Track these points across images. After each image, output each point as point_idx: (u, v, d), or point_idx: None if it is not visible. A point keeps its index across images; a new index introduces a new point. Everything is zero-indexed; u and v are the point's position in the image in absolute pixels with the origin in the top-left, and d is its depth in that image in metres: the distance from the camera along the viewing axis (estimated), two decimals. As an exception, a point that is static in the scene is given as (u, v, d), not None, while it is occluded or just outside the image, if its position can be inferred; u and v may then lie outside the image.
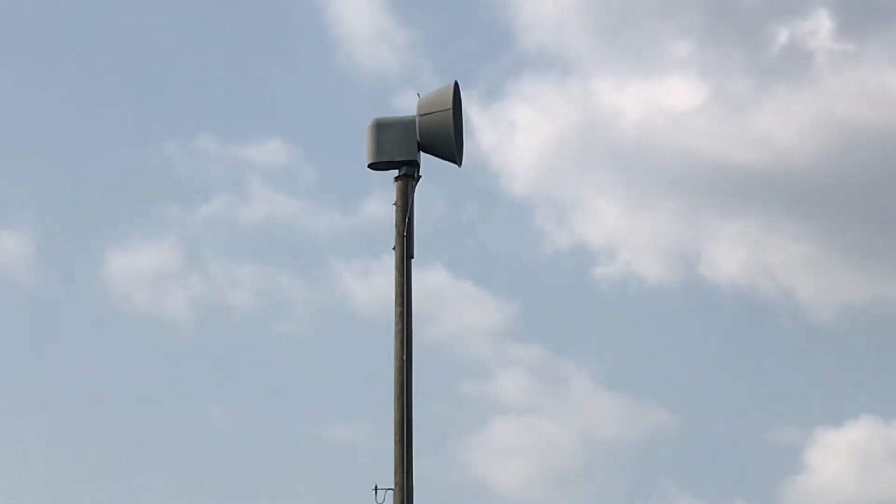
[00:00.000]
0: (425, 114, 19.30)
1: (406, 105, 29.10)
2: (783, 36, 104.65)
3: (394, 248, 19.48)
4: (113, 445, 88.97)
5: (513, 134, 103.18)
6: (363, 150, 19.84)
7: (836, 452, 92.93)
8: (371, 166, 19.51)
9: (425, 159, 19.58)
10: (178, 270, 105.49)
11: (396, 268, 19.42)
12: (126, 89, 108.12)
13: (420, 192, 19.67)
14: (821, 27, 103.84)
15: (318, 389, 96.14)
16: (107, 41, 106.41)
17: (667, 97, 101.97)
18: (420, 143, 19.25)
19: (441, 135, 19.25)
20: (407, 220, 19.38)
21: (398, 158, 19.36)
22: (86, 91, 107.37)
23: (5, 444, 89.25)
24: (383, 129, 19.41)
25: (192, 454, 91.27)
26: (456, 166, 19.67)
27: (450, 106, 19.23)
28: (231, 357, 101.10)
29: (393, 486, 18.92)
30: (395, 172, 19.51)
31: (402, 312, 19.25)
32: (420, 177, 19.51)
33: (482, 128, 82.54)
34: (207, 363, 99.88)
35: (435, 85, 19.72)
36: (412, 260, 19.43)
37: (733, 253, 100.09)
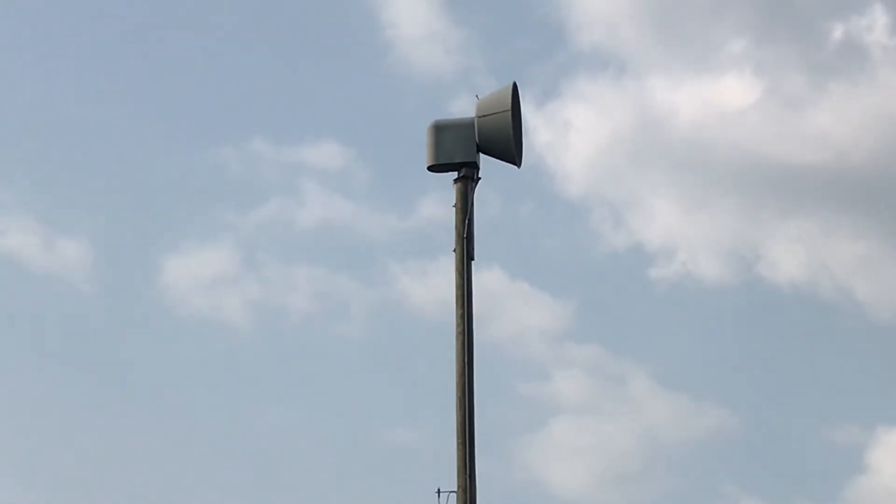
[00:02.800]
0: (484, 115, 19.42)
1: (460, 106, 29.20)
2: (838, 32, 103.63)
3: (454, 250, 19.52)
4: (172, 448, 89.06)
5: (567, 134, 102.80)
6: (417, 152, 19.94)
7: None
8: (430, 168, 19.60)
9: (485, 160, 19.64)
10: (235, 274, 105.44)
11: (457, 270, 19.46)
12: (180, 94, 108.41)
13: (478, 193, 19.73)
14: (876, 22, 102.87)
15: (378, 392, 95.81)
16: (163, 48, 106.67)
17: (722, 95, 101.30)
18: (479, 144, 19.38)
19: (501, 136, 19.34)
20: (467, 222, 19.44)
21: (458, 160, 19.47)
22: (141, 98, 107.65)
23: (70, 442, 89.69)
24: (442, 132, 19.52)
25: (251, 458, 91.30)
26: (516, 168, 19.68)
27: (509, 107, 19.31)
28: (289, 360, 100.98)
29: (456, 489, 18.98)
30: (455, 174, 19.58)
31: (463, 314, 19.30)
32: (479, 178, 19.59)
33: (537, 128, 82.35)
34: (265, 367, 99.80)
35: (488, 85, 19.83)
36: (473, 262, 19.45)
37: (792, 252, 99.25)
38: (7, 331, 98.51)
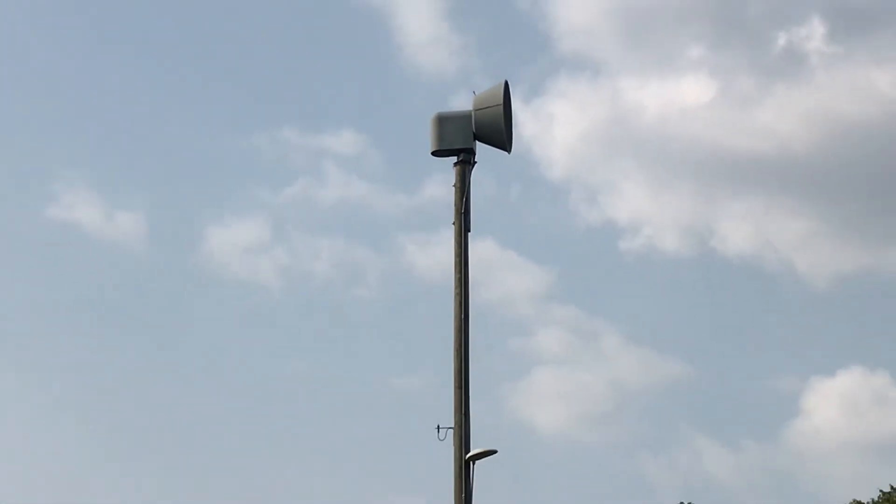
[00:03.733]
0: (480, 108, 19.52)
1: (459, 100, 29.14)
2: (782, 40, 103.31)
3: (453, 224, 19.59)
4: (212, 387, 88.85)
5: (551, 126, 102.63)
6: (424, 140, 19.99)
7: (829, 398, 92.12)
8: (434, 153, 19.66)
9: (480, 147, 19.63)
10: (267, 243, 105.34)
11: (455, 240, 19.49)
12: (221, 88, 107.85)
13: (474, 175, 19.73)
14: (815, 32, 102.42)
15: (387, 344, 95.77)
16: (209, 53, 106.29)
17: (682, 94, 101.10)
18: (476, 133, 19.46)
19: (494, 127, 19.40)
20: (465, 199, 19.44)
21: (457, 147, 19.55)
22: (189, 93, 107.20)
23: (131, 381, 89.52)
24: (444, 122, 19.58)
25: (280, 398, 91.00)
26: (506, 153, 19.64)
27: (501, 102, 19.37)
28: (312, 317, 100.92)
29: (453, 426, 18.99)
30: (455, 159, 19.67)
31: (460, 278, 19.35)
32: (475, 162, 19.63)
33: (525, 121, 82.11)
34: (292, 322, 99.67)
35: (484, 83, 19.80)
36: (469, 234, 19.44)
37: (740, 229, 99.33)
38: (73, 290, 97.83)
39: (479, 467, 18.79)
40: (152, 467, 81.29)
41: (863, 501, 51.11)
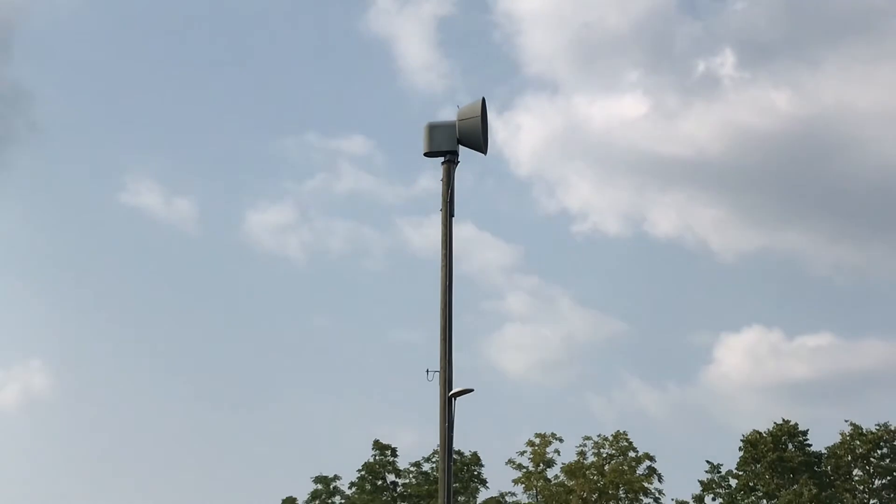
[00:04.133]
0: (462, 119, 20.16)
1: (446, 113, 29.49)
2: (701, 66, 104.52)
3: (441, 210, 19.93)
4: (252, 338, 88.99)
5: (518, 133, 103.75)
6: (417, 143, 20.61)
7: (735, 350, 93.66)
8: (426, 154, 20.33)
9: (462, 150, 19.86)
10: (293, 224, 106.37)
11: (442, 223, 19.86)
12: (258, 102, 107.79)
13: (457, 172, 20.01)
14: (727, 60, 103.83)
15: (388, 306, 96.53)
16: (248, 71, 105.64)
17: (622, 109, 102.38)
18: (459, 139, 20.04)
19: (473, 134, 20.02)
20: (450, 191, 19.71)
21: (444, 149, 20.38)
22: (232, 104, 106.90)
23: (188, 332, 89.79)
24: (434, 130, 20.25)
25: (303, 350, 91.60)
26: (483, 155, 19.84)
27: (479, 114, 20.12)
28: (330, 284, 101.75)
29: (439, 370, 19.26)
30: (442, 159, 20.18)
31: (446, 254, 19.79)
32: (458, 162, 20.15)
33: (497, 128, 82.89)
34: (313, 288, 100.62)
35: (465, 99, 20.30)
36: (453, 218, 19.62)
37: (667, 216, 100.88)
38: (136, 263, 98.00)
39: (459, 403, 19.20)
40: (205, 390, 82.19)
41: (761, 431, 51.52)
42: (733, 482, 52.26)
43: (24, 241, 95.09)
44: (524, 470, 56.85)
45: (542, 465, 56.97)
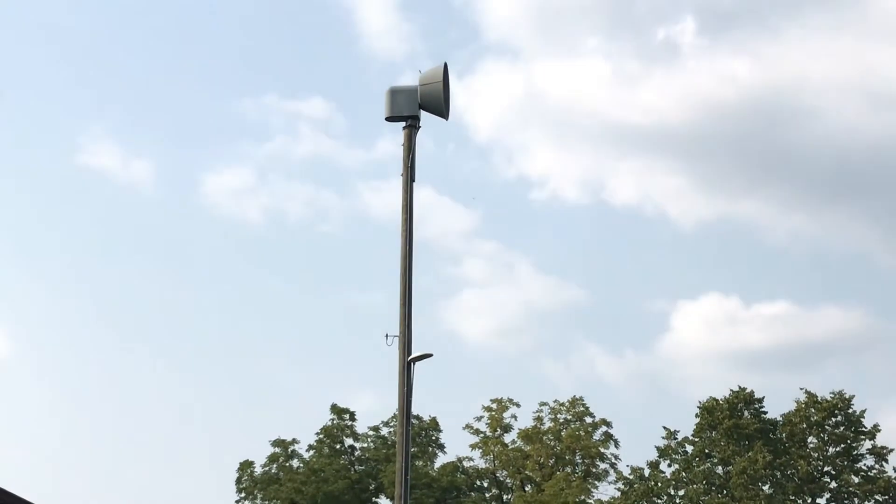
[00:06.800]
0: (424, 84, 20.30)
1: (408, 77, 29.46)
2: (661, 34, 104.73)
3: (402, 175, 19.87)
4: (209, 299, 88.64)
5: (479, 99, 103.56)
6: (378, 107, 20.63)
7: (692, 317, 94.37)
8: (388, 119, 20.22)
9: (423, 115, 19.92)
10: (252, 188, 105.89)
11: (403, 188, 19.90)
12: (216, 62, 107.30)
13: (418, 137, 19.94)
14: (687, 28, 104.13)
15: (348, 270, 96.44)
16: (208, 31, 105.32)
17: (582, 76, 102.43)
18: (420, 104, 20.12)
19: (434, 99, 20.08)
20: (411, 155, 19.78)
21: (406, 114, 20.30)
22: (191, 65, 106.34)
23: (144, 291, 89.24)
24: (396, 94, 20.17)
25: (261, 310, 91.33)
26: (444, 120, 19.93)
27: (440, 79, 20.17)
28: (288, 248, 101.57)
29: (398, 335, 19.35)
30: (403, 123, 20.22)
31: (406, 218, 19.84)
32: (419, 127, 20.17)
33: (457, 94, 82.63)
34: (272, 252, 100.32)
35: (426, 64, 20.40)
36: (414, 183, 19.69)
37: (626, 184, 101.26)
38: (95, 223, 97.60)
39: (418, 367, 19.37)
40: (161, 354, 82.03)
41: (717, 398, 52.17)
42: (689, 448, 52.94)
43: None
44: (481, 435, 57.24)
45: (499, 430, 57.29)
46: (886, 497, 50.81)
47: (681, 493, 51.97)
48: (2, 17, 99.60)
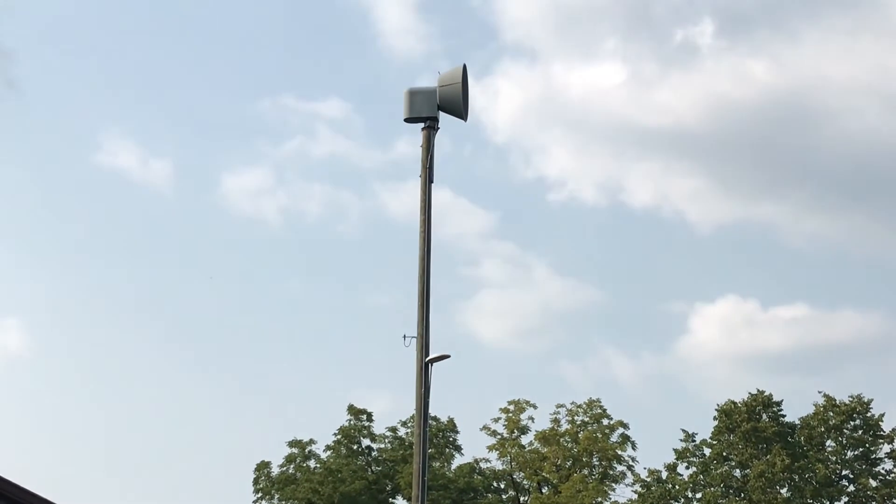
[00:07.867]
0: (443, 85, 20.24)
1: (427, 78, 29.52)
2: (679, 35, 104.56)
3: (420, 176, 20.02)
4: (226, 299, 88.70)
5: (497, 100, 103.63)
6: (397, 108, 20.57)
7: (710, 320, 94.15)
8: (406, 120, 20.19)
9: (442, 116, 19.92)
10: (270, 187, 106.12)
11: (422, 189, 19.92)
12: (235, 63, 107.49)
13: (437, 138, 19.97)
14: (706, 29, 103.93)
15: (365, 270, 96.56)
16: (228, 32, 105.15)
17: (600, 77, 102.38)
18: (439, 105, 20.05)
19: (453, 100, 20.03)
20: (429, 157, 19.76)
21: (424, 115, 20.19)
22: (211, 66, 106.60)
23: (163, 290, 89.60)
24: (415, 95, 20.15)
25: (276, 313, 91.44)
26: (462, 121, 19.97)
27: (459, 80, 20.20)
28: (306, 247, 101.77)
29: (416, 336, 19.36)
30: (422, 124, 20.15)
31: (424, 219, 19.83)
32: (438, 128, 20.08)
33: (476, 95, 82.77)
34: (290, 251, 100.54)
35: (445, 65, 20.28)
36: (432, 184, 19.74)
37: (644, 185, 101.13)
38: (113, 222, 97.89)
39: (435, 368, 19.33)
40: (179, 353, 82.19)
41: (735, 401, 51.99)
42: (707, 451, 52.80)
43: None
44: (498, 437, 57.16)
45: (516, 431, 57.27)
46: (905, 501, 50.76)
47: (698, 496, 51.87)
48: (22, 14, 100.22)
